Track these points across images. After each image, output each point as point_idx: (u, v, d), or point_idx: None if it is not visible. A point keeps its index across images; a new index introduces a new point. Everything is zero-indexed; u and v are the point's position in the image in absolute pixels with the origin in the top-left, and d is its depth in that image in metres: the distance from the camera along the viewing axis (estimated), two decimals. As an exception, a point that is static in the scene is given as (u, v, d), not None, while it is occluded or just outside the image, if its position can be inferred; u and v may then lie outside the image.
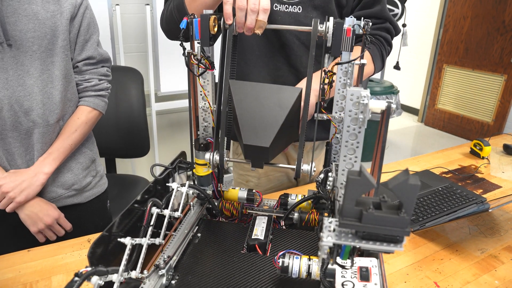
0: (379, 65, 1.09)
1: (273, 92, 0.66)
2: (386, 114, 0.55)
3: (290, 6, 1.02)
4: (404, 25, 3.51)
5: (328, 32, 0.68)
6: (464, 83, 4.38)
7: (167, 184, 0.80)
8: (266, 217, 0.86)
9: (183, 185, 0.80)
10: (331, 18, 0.69)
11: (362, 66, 0.69)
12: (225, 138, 0.78)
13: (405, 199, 0.44)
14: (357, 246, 0.47)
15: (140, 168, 2.72)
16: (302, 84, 0.99)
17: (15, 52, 0.95)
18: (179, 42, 0.70)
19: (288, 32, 1.05)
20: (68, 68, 1.05)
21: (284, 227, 0.87)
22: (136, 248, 0.65)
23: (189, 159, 0.89)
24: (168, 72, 2.45)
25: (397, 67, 3.78)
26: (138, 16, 2.45)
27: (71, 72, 1.07)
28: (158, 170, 0.82)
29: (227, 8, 0.74)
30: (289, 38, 1.06)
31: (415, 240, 1.00)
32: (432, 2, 4.63)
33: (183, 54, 0.71)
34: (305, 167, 0.75)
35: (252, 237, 0.79)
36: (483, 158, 1.53)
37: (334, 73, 0.72)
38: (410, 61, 4.89)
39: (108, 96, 1.19)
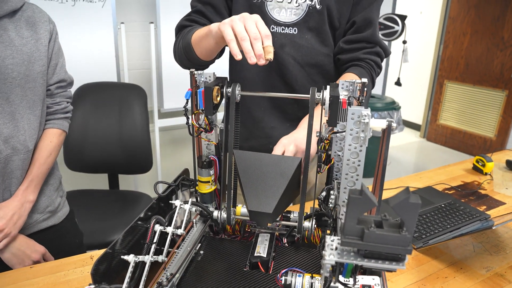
0: (370, 87, 1.13)
1: (274, 161, 0.73)
2: (387, 132, 0.56)
3: (286, 28, 1.08)
4: (404, 42, 3.55)
5: (324, 104, 0.71)
6: (466, 98, 4.40)
7: (170, 201, 0.81)
8: (269, 235, 0.86)
9: (186, 202, 0.81)
10: (328, 87, 0.71)
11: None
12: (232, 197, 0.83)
13: (406, 218, 0.44)
14: (360, 264, 0.47)
15: (143, 184, 2.73)
16: (303, 123, 0.99)
17: None
18: (184, 114, 0.76)
19: (284, 52, 1.09)
20: (44, 93, 1.06)
21: (286, 244, 0.87)
22: (139, 265, 0.65)
23: (192, 176, 0.90)
24: (172, 89, 2.48)
25: (398, 83, 3.81)
26: (143, 34, 2.49)
27: (45, 96, 1.08)
28: (161, 187, 0.83)
29: (233, 46, 0.78)
30: (285, 58, 1.10)
31: (419, 257, 0.99)
32: (431, 19, 4.69)
33: (187, 123, 0.77)
34: (306, 224, 0.81)
35: (255, 254, 0.79)
36: (486, 174, 1.53)
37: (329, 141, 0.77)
38: (411, 77, 4.93)
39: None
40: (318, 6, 1.07)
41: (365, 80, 0.71)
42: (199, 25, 1.08)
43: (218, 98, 0.76)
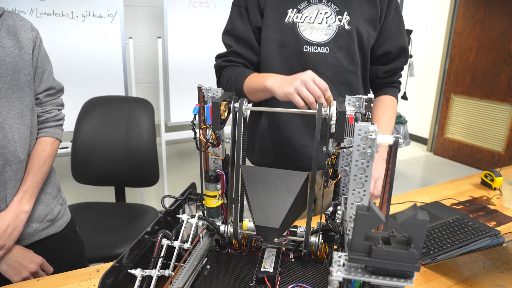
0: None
1: (281, 177, 0.73)
2: (394, 148, 0.56)
3: (319, 47, 1.13)
4: (410, 56, 3.56)
5: (332, 120, 0.72)
6: (473, 112, 4.38)
7: (177, 215, 0.81)
8: (275, 249, 0.85)
9: (192, 216, 0.81)
10: (335, 103, 0.74)
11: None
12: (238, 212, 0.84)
13: (414, 234, 0.44)
14: (367, 281, 0.47)
15: (149, 197, 2.73)
16: (378, 160, 1.13)
17: None
18: (192, 129, 0.78)
19: (317, 71, 1.13)
20: (32, 101, 1.06)
21: (293, 259, 0.86)
22: (146, 279, 0.65)
23: (199, 190, 0.90)
24: (178, 102, 2.50)
25: (404, 97, 3.81)
26: (150, 49, 2.53)
27: (34, 105, 1.07)
28: (167, 201, 0.83)
29: (299, 101, 0.89)
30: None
31: (427, 274, 0.98)
32: (437, 34, 4.71)
33: (194, 137, 0.80)
34: (312, 239, 0.81)
35: (261, 269, 0.79)
36: (495, 189, 1.51)
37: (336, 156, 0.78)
38: (418, 91, 4.92)
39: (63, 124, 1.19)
40: (347, 27, 1.13)
41: (371, 96, 0.71)
42: (240, 66, 1.20)
43: (226, 113, 0.77)
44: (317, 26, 1.12)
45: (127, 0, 2.32)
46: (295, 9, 1.13)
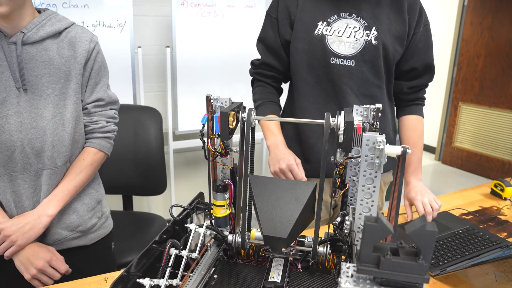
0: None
1: (289, 186, 0.73)
2: (402, 159, 0.56)
3: (345, 60, 1.17)
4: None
5: (340, 130, 0.72)
6: (482, 120, 4.35)
7: (185, 225, 0.81)
8: (283, 259, 0.85)
9: (200, 226, 0.81)
10: (343, 113, 0.74)
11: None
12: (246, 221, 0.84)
13: (423, 246, 0.44)
14: (376, 293, 0.47)
15: (156, 205, 2.74)
16: (411, 180, 1.29)
17: (30, 96, 0.99)
18: (200, 139, 0.79)
19: (342, 83, 1.18)
20: (78, 110, 1.07)
21: (301, 269, 0.86)
22: (154, 289, 0.65)
23: (206, 199, 0.91)
24: (186, 111, 2.52)
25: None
26: (159, 58, 2.56)
27: (80, 114, 1.09)
28: (175, 210, 0.84)
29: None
30: (343, 88, 1.19)
31: (436, 285, 0.97)
32: (444, 42, 4.70)
33: (203, 147, 0.81)
34: (320, 249, 0.81)
35: (269, 279, 0.78)
36: (505, 199, 1.49)
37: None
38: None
39: (114, 138, 1.19)
40: (374, 42, 1.16)
41: (379, 105, 0.71)
42: (267, 87, 1.33)
43: (234, 123, 0.78)
44: (345, 39, 1.16)
45: (136, 10, 2.35)
46: (325, 22, 1.17)
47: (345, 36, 1.16)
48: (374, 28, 1.16)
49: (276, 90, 1.35)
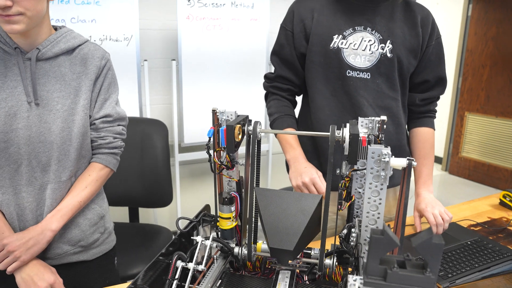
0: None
1: (295, 199, 0.74)
2: (407, 171, 0.56)
3: (361, 73, 1.19)
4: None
5: (345, 142, 0.73)
6: (488, 130, 4.32)
7: (191, 237, 0.81)
8: (289, 272, 0.85)
9: (207, 238, 0.81)
10: (348, 125, 0.75)
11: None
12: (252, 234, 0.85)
13: (430, 258, 0.44)
14: (383, 306, 0.46)
15: (162, 217, 2.74)
16: (422, 192, 1.30)
17: (40, 111, 1.00)
18: (206, 152, 0.80)
19: (358, 95, 1.20)
20: (86, 126, 1.08)
21: (307, 282, 0.85)
22: (160, 302, 0.65)
23: (212, 212, 0.91)
24: (192, 123, 2.53)
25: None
26: (165, 70, 2.59)
27: (88, 129, 1.09)
28: (181, 222, 0.84)
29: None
30: (360, 101, 1.20)
31: (445, 298, 0.95)
32: (449, 52, 4.71)
33: (209, 160, 0.82)
34: (327, 261, 0.80)
35: (275, 292, 0.78)
36: (513, 210, 1.48)
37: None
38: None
39: (121, 154, 1.19)
40: (389, 55, 1.18)
41: (384, 117, 0.72)
42: (282, 100, 1.33)
43: (240, 136, 0.78)
44: (360, 52, 1.18)
45: (142, 24, 2.39)
46: (341, 36, 1.18)
47: (360, 49, 1.18)
48: (389, 41, 1.18)
49: (291, 103, 1.35)
